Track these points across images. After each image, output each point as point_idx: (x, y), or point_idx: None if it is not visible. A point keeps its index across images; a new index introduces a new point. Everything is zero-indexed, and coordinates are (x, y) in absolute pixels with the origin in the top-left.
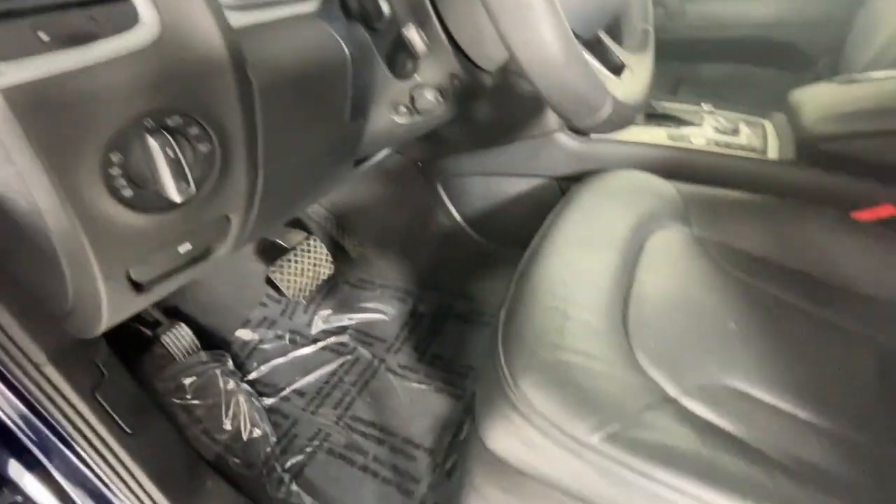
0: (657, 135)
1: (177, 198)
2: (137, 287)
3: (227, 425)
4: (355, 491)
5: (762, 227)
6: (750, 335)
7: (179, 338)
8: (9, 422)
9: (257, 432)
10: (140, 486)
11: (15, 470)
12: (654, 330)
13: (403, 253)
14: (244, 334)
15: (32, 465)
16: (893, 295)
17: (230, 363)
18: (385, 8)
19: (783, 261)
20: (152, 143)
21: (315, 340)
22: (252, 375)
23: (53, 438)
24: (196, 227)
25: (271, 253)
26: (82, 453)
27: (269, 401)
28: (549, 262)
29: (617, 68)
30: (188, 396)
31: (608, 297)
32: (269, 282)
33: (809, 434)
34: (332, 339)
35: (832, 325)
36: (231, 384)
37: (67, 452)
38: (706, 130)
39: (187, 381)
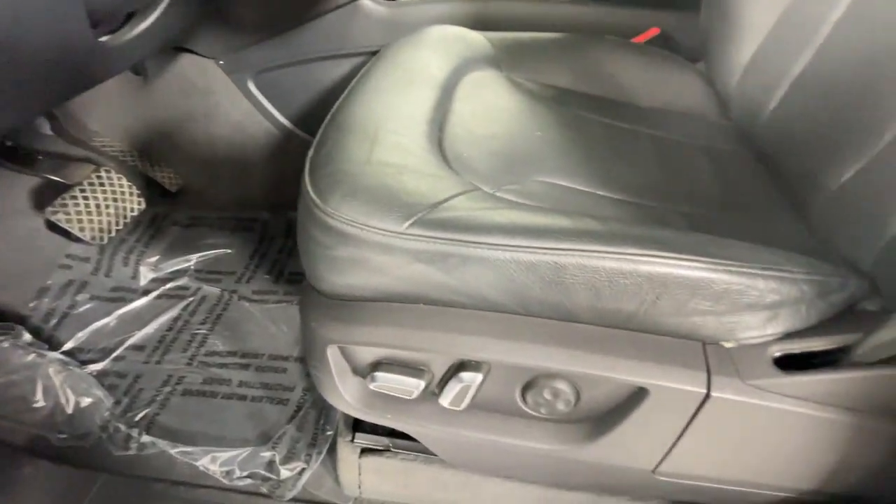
0: None
1: None
2: None
3: (40, 402)
4: (221, 418)
5: (563, 62)
6: (554, 139)
7: None
8: None
9: (86, 400)
10: None
11: None
12: (468, 145)
13: (234, 174)
14: (44, 304)
15: None
16: (662, 103)
17: (26, 335)
18: None
19: (582, 88)
20: None
21: (146, 292)
22: (68, 345)
23: None
24: None
25: (53, 198)
26: None
27: (97, 366)
28: (361, 101)
29: None
30: None
31: (423, 124)
32: (53, 226)
33: (605, 202)
34: (169, 286)
35: (621, 129)
36: (31, 356)
37: None
38: None
39: None
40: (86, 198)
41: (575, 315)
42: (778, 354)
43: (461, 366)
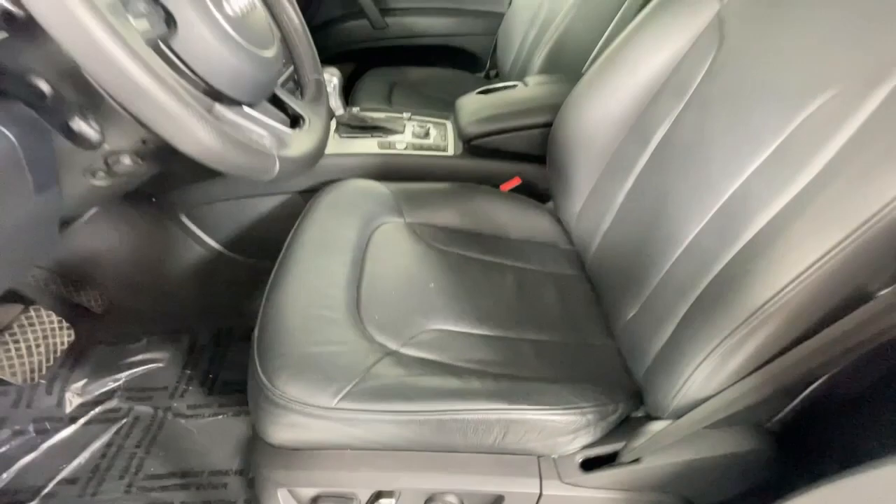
0: (371, 145)
1: None
2: None
3: None
4: None
5: (449, 207)
6: (444, 288)
7: None
8: None
9: None
10: None
11: None
12: (379, 305)
13: (162, 292)
14: None
15: None
16: (524, 236)
17: None
18: (45, 88)
19: (465, 228)
20: None
21: (74, 419)
22: None
23: None
24: None
25: None
26: None
27: None
28: (292, 273)
29: (295, 119)
30: None
31: (343, 290)
32: None
33: (482, 342)
34: (98, 410)
35: (493, 264)
36: None
37: None
38: (407, 136)
39: None
40: (16, 342)
41: (454, 448)
42: (581, 459)
43: (380, 493)
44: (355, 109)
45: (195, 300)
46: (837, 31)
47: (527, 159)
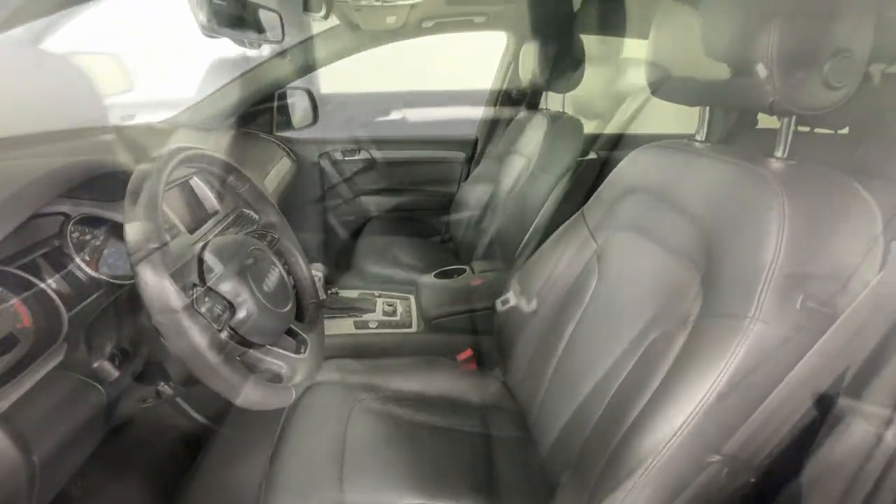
0: (348, 325)
1: None
2: None
3: None
4: None
5: (416, 379)
6: (413, 465)
7: None
8: None
9: None
10: None
11: None
12: (361, 487)
13: (139, 472)
14: None
15: None
16: (477, 402)
17: None
18: (129, 349)
19: (429, 397)
20: None
21: None
22: None
23: None
24: None
25: None
26: None
27: None
28: (287, 463)
29: (301, 343)
30: None
31: (327, 469)
32: None
33: None
34: None
35: (454, 431)
36: None
37: None
38: (378, 314)
39: None
40: None
41: None
42: None
43: None
44: (333, 290)
45: (171, 476)
46: (652, 287)
47: (476, 332)
